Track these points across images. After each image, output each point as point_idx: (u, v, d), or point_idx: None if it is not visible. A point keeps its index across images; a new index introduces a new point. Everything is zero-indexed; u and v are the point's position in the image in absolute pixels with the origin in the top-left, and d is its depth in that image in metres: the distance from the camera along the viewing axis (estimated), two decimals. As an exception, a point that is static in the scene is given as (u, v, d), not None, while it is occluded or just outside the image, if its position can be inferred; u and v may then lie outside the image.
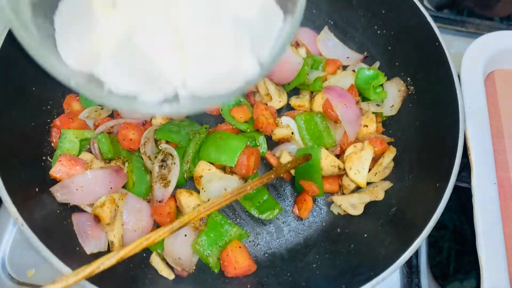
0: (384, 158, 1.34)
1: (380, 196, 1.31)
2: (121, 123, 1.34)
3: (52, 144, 1.30)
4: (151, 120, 1.39)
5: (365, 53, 1.53)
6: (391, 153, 1.35)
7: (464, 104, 1.25)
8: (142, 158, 1.30)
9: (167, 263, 1.23)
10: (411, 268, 1.34)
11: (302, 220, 1.36)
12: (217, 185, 1.28)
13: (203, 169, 1.30)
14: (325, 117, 1.38)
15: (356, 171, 1.30)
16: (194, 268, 1.24)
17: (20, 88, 1.22)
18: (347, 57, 1.53)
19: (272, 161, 1.38)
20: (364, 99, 1.44)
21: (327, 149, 1.35)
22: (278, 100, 1.44)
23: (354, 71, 1.46)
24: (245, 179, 1.33)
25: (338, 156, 1.37)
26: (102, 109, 1.37)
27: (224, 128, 1.39)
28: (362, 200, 1.31)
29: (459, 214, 1.48)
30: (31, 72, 1.25)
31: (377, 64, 1.50)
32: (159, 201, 1.24)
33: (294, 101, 1.45)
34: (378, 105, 1.43)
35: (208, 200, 1.25)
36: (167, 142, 1.33)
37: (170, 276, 1.21)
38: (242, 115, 1.41)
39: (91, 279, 1.00)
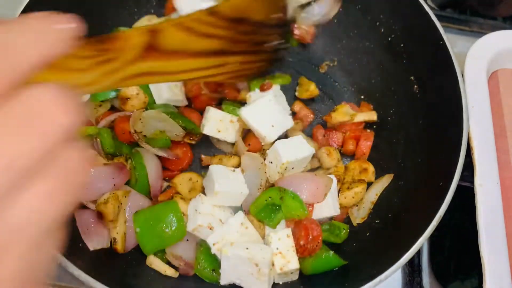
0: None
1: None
2: (119, 116, 1.34)
3: (55, 140, 1.29)
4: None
5: None
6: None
7: (468, 103, 1.24)
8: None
9: (168, 262, 1.22)
10: (412, 267, 1.35)
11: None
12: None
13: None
14: None
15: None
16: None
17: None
18: None
19: None
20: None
21: None
22: None
23: None
24: None
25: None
26: (100, 106, 1.37)
27: None
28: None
29: (460, 213, 1.48)
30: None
31: None
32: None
33: None
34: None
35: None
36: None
37: (175, 275, 1.20)
38: None
39: (93, 274, 1.00)
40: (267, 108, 1.34)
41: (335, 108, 1.46)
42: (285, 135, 1.40)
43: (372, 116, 1.45)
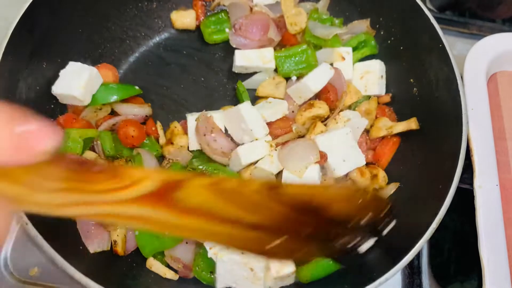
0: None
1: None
2: (123, 120, 1.34)
3: (56, 142, 1.29)
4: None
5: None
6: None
7: (467, 105, 1.24)
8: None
9: (168, 265, 1.23)
10: (412, 269, 1.35)
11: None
12: None
13: None
14: None
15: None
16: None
17: (23, 86, 1.22)
18: None
19: None
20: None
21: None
22: None
23: None
24: None
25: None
26: (100, 109, 1.37)
27: None
28: None
29: (460, 215, 1.49)
30: (34, 70, 1.25)
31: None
32: None
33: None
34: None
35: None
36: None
37: (175, 277, 1.20)
38: None
39: (93, 277, 1.00)
40: (342, 141, 1.29)
41: (373, 124, 1.41)
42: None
43: (411, 125, 1.35)
